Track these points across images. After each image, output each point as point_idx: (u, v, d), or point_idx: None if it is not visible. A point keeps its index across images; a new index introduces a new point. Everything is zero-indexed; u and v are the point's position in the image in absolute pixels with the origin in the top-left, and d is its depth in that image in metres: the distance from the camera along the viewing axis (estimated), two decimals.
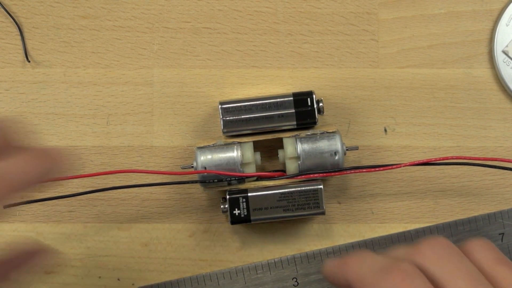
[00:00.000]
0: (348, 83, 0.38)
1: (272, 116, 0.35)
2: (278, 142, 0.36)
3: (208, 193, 0.38)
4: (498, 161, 0.34)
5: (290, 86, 0.38)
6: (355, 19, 0.38)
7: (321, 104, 0.35)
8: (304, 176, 0.34)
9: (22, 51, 0.38)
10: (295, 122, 0.35)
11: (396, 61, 0.38)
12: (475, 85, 0.38)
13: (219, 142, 0.35)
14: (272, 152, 0.37)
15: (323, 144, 0.34)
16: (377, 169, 0.34)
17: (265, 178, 0.35)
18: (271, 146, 0.37)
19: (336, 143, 0.34)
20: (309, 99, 0.35)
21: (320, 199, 0.35)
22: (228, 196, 0.35)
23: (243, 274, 0.37)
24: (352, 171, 0.34)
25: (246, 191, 0.35)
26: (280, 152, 0.35)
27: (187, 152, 0.38)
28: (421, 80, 0.38)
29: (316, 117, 0.35)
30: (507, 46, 0.37)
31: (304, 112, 0.35)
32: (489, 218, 0.37)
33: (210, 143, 0.35)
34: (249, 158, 0.35)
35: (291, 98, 0.35)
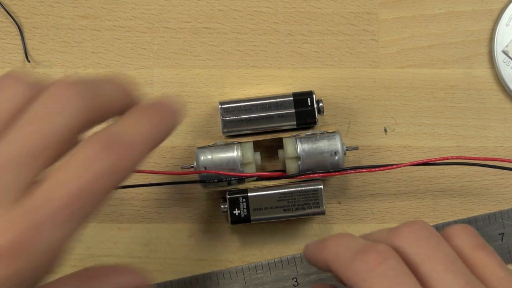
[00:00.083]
0: (348, 83, 0.38)
1: (272, 116, 0.35)
2: (278, 142, 0.36)
3: (208, 193, 0.38)
4: (498, 161, 0.34)
5: (290, 86, 0.38)
6: (355, 19, 0.38)
7: (321, 104, 0.35)
8: (304, 176, 0.34)
9: (22, 51, 0.38)
10: (295, 122, 0.35)
11: (396, 61, 0.38)
12: (475, 85, 0.38)
13: (219, 142, 0.35)
14: (272, 152, 0.37)
15: (323, 144, 0.34)
16: (377, 169, 0.34)
17: (265, 178, 0.35)
18: (271, 146, 0.37)
19: (336, 143, 0.34)
20: (309, 99, 0.35)
21: (320, 199, 0.35)
22: (228, 196, 0.35)
23: (243, 274, 0.37)
24: (352, 171, 0.34)
25: (246, 191, 0.35)
26: (280, 152, 0.35)
27: (187, 152, 0.38)
28: (421, 80, 0.38)
29: (316, 117, 0.35)
30: (507, 46, 0.37)
31: (304, 112, 0.35)
32: (489, 218, 0.37)
33: (210, 143, 0.35)
34: (249, 158, 0.35)
35: (291, 98, 0.35)
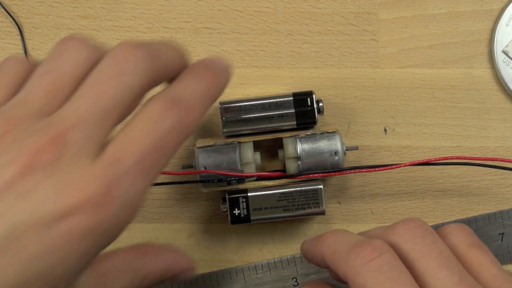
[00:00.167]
0: (348, 83, 0.38)
1: (272, 116, 0.35)
2: (278, 142, 0.36)
3: (208, 193, 0.38)
4: (498, 161, 0.34)
5: (290, 86, 0.38)
6: (355, 19, 0.38)
7: (321, 104, 0.35)
8: (304, 176, 0.34)
9: (22, 51, 0.38)
10: (295, 122, 0.35)
11: (396, 61, 0.38)
12: (475, 85, 0.38)
13: (219, 142, 0.35)
14: (272, 152, 0.37)
15: (323, 144, 0.34)
16: (377, 169, 0.34)
17: (265, 178, 0.35)
18: (271, 146, 0.37)
19: (336, 143, 0.34)
20: (309, 99, 0.35)
21: (320, 199, 0.35)
22: (228, 196, 0.35)
23: (243, 274, 0.37)
24: (352, 171, 0.35)
25: (246, 191, 0.35)
26: (280, 152, 0.35)
27: (187, 152, 0.38)
28: (421, 80, 0.38)
29: (316, 117, 0.35)
30: (507, 46, 0.37)
31: (304, 112, 0.35)
32: (489, 218, 0.37)
33: (210, 143, 0.35)
34: (249, 158, 0.35)
35: (291, 98, 0.35)
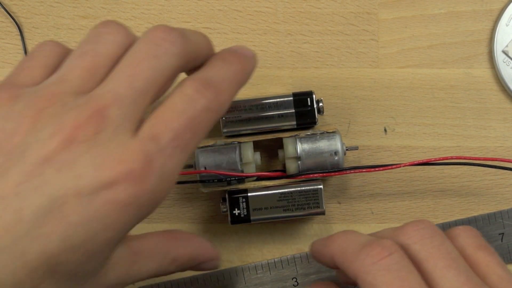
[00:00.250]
0: (348, 83, 0.38)
1: (272, 116, 0.35)
2: (278, 142, 0.36)
3: (208, 193, 0.38)
4: (498, 161, 0.34)
5: (290, 86, 0.38)
6: (355, 19, 0.38)
7: (321, 104, 0.35)
8: (304, 176, 0.34)
9: (22, 51, 0.38)
10: (295, 122, 0.35)
11: (396, 61, 0.38)
12: (475, 85, 0.38)
13: (219, 142, 0.35)
14: (272, 152, 0.37)
15: (323, 144, 0.34)
16: (377, 169, 0.34)
17: (265, 178, 0.35)
18: (271, 146, 0.37)
19: (336, 143, 0.34)
20: (309, 99, 0.35)
21: (320, 199, 0.35)
22: (228, 196, 0.35)
23: (243, 274, 0.37)
24: (352, 171, 0.34)
25: (246, 191, 0.35)
26: (280, 152, 0.35)
27: None
28: (421, 80, 0.38)
29: (316, 117, 0.35)
30: (507, 46, 0.37)
31: (304, 112, 0.35)
32: (489, 218, 0.37)
33: (210, 143, 0.35)
34: (249, 158, 0.35)
35: (291, 98, 0.35)
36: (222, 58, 0.27)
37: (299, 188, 0.35)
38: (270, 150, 0.37)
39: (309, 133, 0.35)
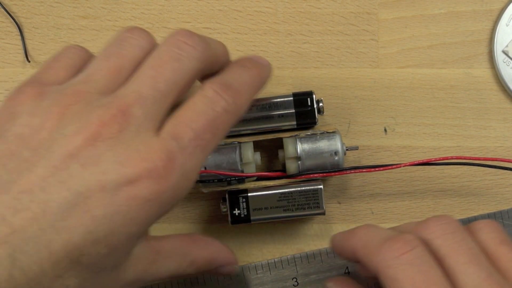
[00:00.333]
0: (348, 83, 0.38)
1: (272, 116, 0.35)
2: (278, 142, 0.36)
3: (208, 193, 0.37)
4: (498, 161, 0.34)
5: (290, 86, 0.38)
6: (355, 19, 0.38)
7: (321, 104, 0.35)
8: (304, 176, 0.34)
9: (22, 51, 0.38)
10: (295, 122, 0.35)
11: (396, 61, 0.38)
12: (475, 85, 0.38)
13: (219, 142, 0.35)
14: (272, 152, 0.37)
15: (323, 144, 0.34)
16: (377, 169, 0.34)
17: (265, 178, 0.35)
18: (271, 146, 0.37)
19: (336, 143, 0.34)
20: (309, 99, 0.35)
21: (320, 199, 0.35)
22: (228, 196, 0.35)
23: (243, 274, 0.37)
24: (352, 171, 0.34)
25: (246, 191, 0.35)
26: (280, 152, 0.35)
27: None
28: (421, 80, 0.38)
29: (316, 117, 0.35)
30: (507, 46, 0.37)
31: (304, 112, 0.35)
32: (489, 218, 0.37)
33: None
34: (249, 158, 0.35)
35: (291, 98, 0.35)
36: (241, 64, 0.29)
37: (299, 188, 0.35)
38: (270, 150, 0.37)
39: (309, 133, 0.35)
